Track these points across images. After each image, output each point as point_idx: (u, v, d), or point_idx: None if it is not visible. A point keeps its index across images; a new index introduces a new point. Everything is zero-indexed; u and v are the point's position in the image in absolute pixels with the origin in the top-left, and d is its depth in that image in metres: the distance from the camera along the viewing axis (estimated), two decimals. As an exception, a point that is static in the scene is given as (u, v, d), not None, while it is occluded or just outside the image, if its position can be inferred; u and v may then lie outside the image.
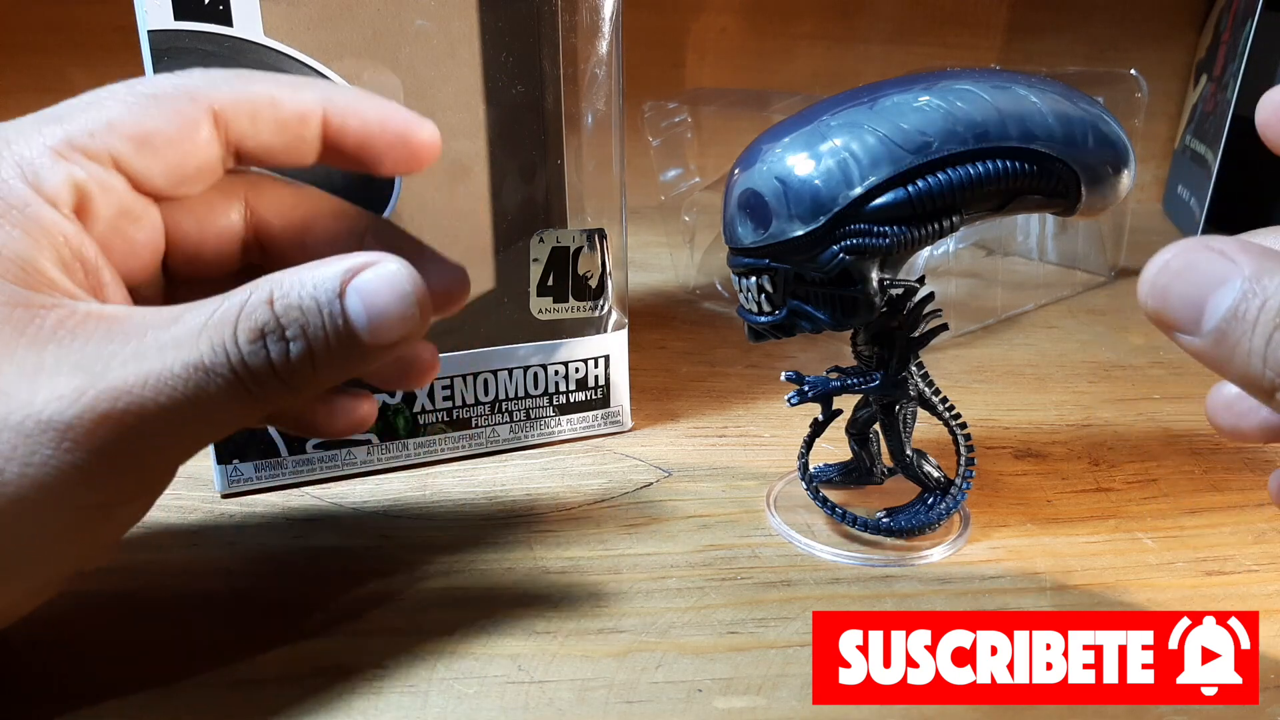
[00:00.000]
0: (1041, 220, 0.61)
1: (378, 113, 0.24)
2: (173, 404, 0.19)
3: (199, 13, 0.28)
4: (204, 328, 0.20)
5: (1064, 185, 0.26)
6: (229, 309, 0.20)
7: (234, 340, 0.20)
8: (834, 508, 0.30)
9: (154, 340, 0.20)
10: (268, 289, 0.20)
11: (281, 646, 0.25)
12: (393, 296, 0.21)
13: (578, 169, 0.34)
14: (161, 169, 0.22)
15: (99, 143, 0.21)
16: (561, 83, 0.33)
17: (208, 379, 0.20)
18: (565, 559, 0.29)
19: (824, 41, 0.75)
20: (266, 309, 0.20)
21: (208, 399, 0.20)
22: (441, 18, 0.30)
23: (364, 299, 0.21)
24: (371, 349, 0.21)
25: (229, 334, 0.20)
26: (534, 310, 0.35)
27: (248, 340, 0.20)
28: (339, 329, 0.21)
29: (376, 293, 0.21)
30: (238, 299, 0.20)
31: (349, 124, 0.23)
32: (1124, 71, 0.57)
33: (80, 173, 0.21)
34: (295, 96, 0.23)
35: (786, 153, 0.25)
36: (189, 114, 0.22)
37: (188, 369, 0.19)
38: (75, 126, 0.21)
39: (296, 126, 0.23)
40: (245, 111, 0.23)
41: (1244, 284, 0.19)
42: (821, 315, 0.27)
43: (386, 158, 0.24)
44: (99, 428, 0.19)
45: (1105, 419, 0.40)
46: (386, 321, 0.21)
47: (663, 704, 0.23)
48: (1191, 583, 0.28)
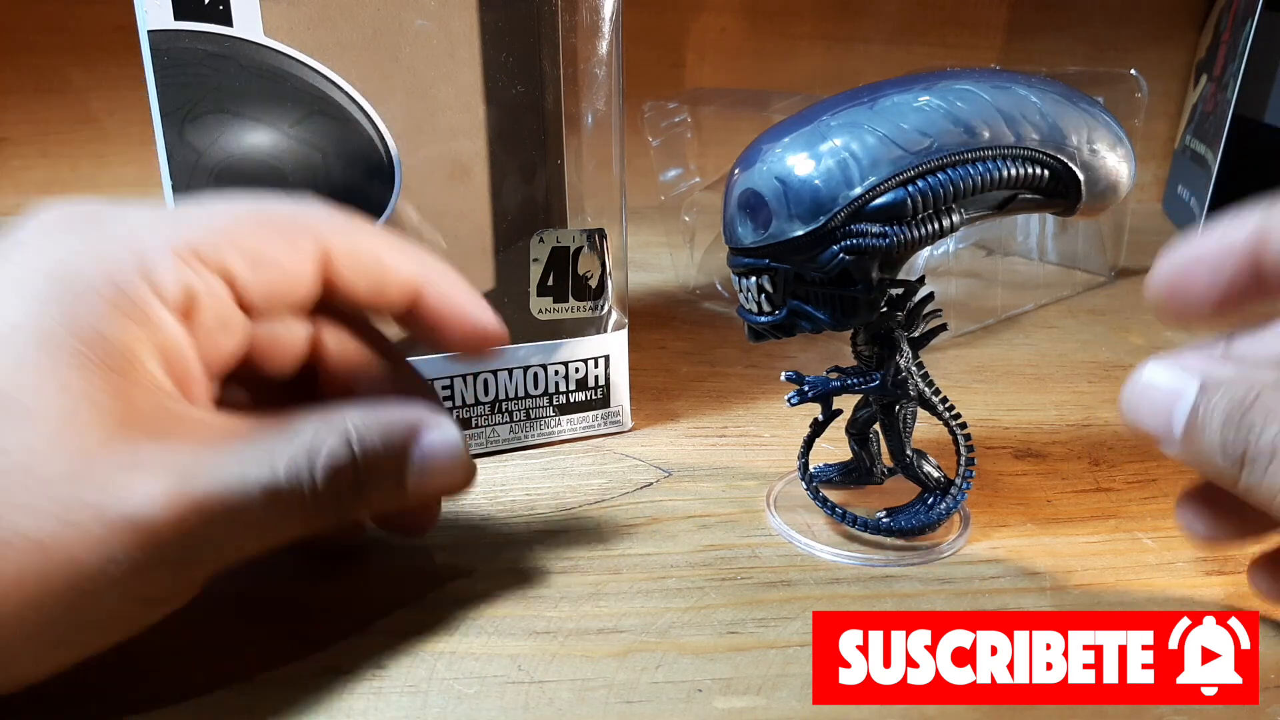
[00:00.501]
0: (1041, 220, 0.61)
1: (462, 304, 0.26)
2: (243, 519, 0.20)
3: (199, 13, 0.28)
4: (286, 455, 0.21)
5: (1064, 185, 0.26)
6: (312, 443, 0.21)
7: (309, 472, 0.21)
8: (834, 508, 0.30)
9: (238, 456, 0.21)
10: (344, 425, 0.22)
11: (281, 646, 0.25)
12: (450, 459, 0.23)
13: (578, 169, 0.34)
14: (264, 290, 0.23)
15: (217, 253, 0.22)
16: (561, 83, 0.33)
17: (278, 501, 0.21)
18: (565, 559, 0.29)
19: (824, 41, 0.75)
20: (345, 443, 0.22)
21: (271, 518, 0.21)
22: (441, 18, 0.30)
23: (426, 454, 0.23)
24: (410, 499, 0.23)
25: (304, 464, 0.21)
26: (534, 310, 0.35)
27: (325, 476, 0.21)
28: (400, 479, 0.23)
29: (440, 453, 0.23)
30: (315, 432, 0.22)
31: (434, 307, 0.25)
32: (1124, 71, 0.57)
33: (194, 278, 0.22)
34: (398, 264, 0.25)
35: (786, 153, 0.25)
36: (303, 248, 0.23)
37: (265, 491, 0.20)
38: (198, 233, 0.22)
39: (389, 289, 0.25)
40: (350, 259, 0.24)
41: (1196, 395, 0.22)
42: (821, 315, 0.27)
43: (453, 341, 0.26)
44: (178, 530, 0.20)
45: (1105, 419, 0.40)
46: (435, 479, 0.23)
47: (663, 704, 0.23)
48: (1191, 583, 0.28)
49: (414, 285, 0.25)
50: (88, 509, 0.19)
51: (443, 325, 0.26)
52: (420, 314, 0.25)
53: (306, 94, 0.29)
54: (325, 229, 0.24)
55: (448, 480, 0.24)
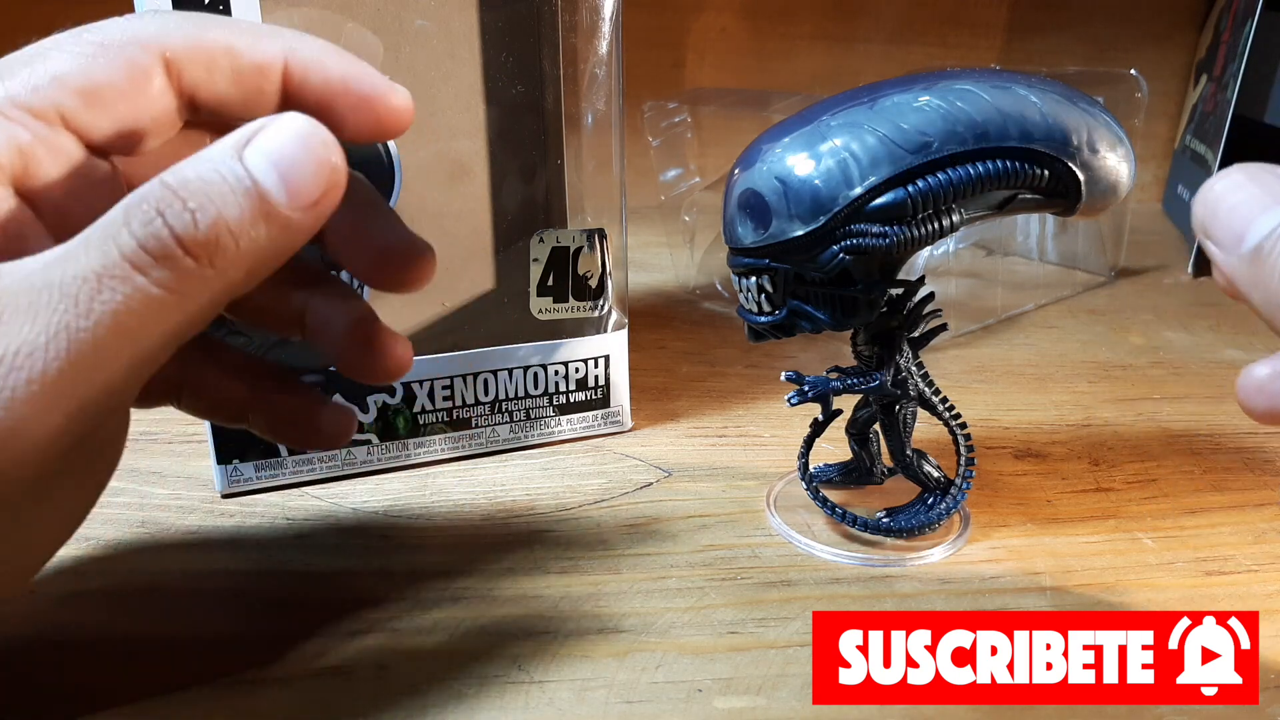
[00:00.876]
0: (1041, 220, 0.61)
1: (343, 71, 0.22)
2: (72, 332, 0.17)
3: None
4: (88, 239, 0.18)
5: (1064, 185, 0.26)
6: (117, 208, 0.18)
7: (126, 229, 0.18)
8: (834, 508, 0.30)
9: (42, 274, 0.17)
10: (157, 178, 0.18)
11: (281, 646, 0.25)
12: (299, 147, 0.19)
13: (578, 169, 0.34)
14: (112, 123, 0.20)
15: (45, 99, 0.20)
16: (561, 83, 0.33)
17: (105, 287, 0.17)
18: (565, 559, 0.29)
19: (824, 41, 0.75)
20: (158, 186, 0.18)
21: (111, 313, 0.17)
22: (441, 18, 0.30)
23: (267, 155, 0.19)
24: (295, 212, 0.19)
25: (118, 228, 0.18)
26: (534, 310, 0.35)
27: (142, 222, 0.18)
28: (248, 189, 0.18)
29: (281, 147, 0.19)
30: (126, 198, 0.18)
31: (310, 79, 0.21)
32: (1124, 71, 0.57)
33: (24, 134, 0.19)
34: (255, 46, 0.21)
35: (786, 153, 0.25)
36: (140, 63, 0.20)
37: (77, 282, 0.17)
38: (18, 83, 0.20)
39: (255, 78, 0.21)
40: (200, 60, 0.21)
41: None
42: (821, 315, 0.27)
43: (349, 121, 0.22)
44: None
45: (1105, 419, 0.40)
46: (300, 175, 0.19)
47: (663, 704, 0.23)
48: (1191, 583, 0.28)
49: (278, 63, 0.21)
50: None
51: (329, 103, 0.22)
52: (302, 98, 0.22)
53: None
54: (160, 36, 0.20)
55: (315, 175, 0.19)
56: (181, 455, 0.35)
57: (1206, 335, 0.51)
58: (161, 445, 0.35)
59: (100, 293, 0.17)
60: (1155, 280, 0.61)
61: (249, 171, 0.19)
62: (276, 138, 0.19)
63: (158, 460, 0.34)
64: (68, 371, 0.17)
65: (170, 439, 0.36)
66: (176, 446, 0.35)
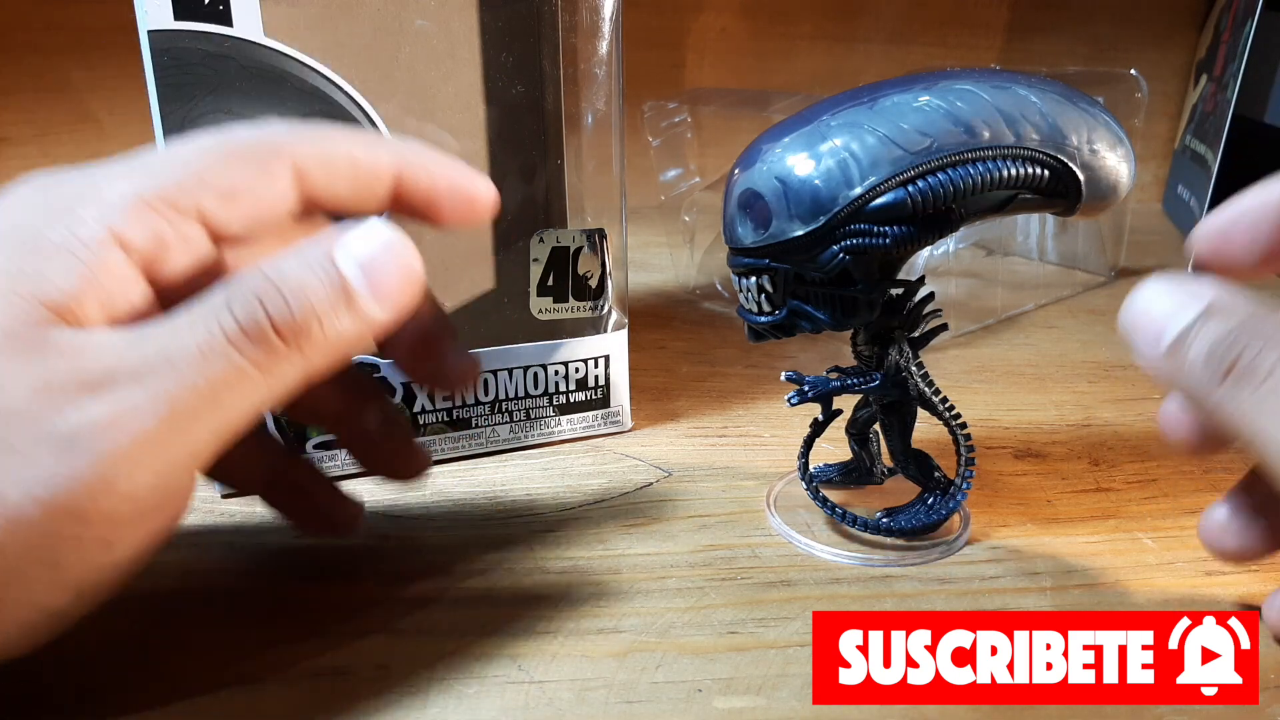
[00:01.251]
0: (1041, 220, 0.61)
1: (446, 173, 0.25)
2: (173, 398, 0.19)
3: (199, 13, 0.28)
4: (193, 318, 0.20)
5: (1064, 185, 0.26)
6: (218, 291, 0.20)
7: (227, 310, 0.20)
8: (834, 508, 0.30)
9: (152, 343, 0.20)
10: (258, 268, 0.20)
11: (281, 646, 0.25)
12: (383, 251, 0.21)
13: (578, 169, 0.34)
14: (241, 220, 0.22)
15: (189, 197, 0.21)
16: (561, 83, 0.33)
17: (205, 360, 0.19)
18: (565, 559, 0.29)
19: (824, 41, 0.75)
20: (260, 276, 0.20)
21: (208, 384, 0.19)
22: (441, 18, 0.30)
23: (355, 256, 0.21)
24: (375, 307, 0.21)
25: (222, 310, 0.20)
26: (534, 310, 0.35)
27: (243, 307, 0.20)
28: (336, 284, 0.21)
29: (368, 249, 0.21)
30: (229, 283, 0.20)
31: (420, 183, 0.24)
32: (1124, 71, 0.57)
33: (165, 227, 0.21)
34: (372, 155, 0.24)
35: (786, 153, 0.25)
36: (273, 169, 0.23)
37: (184, 356, 0.19)
38: (165, 180, 0.21)
39: (370, 182, 0.24)
40: (324, 167, 0.23)
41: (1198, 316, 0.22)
42: (821, 315, 0.27)
43: (449, 214, 0.25)
44: (102, 435, 0.19)
45: (1105, 419, 0.40)
46: (382, 275, 0.21)
47: (663, 704, 0.23)
48: (1191, 583, 0.28)
49: (394, 172, 0.24)
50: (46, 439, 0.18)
51: (433, 200, 0.25)
52: (409, 197, 0.25)
53: (306, 94, 0.29)
54: (293, 144, 0.23)
55: (398, 279, 0.22)
56: (181, 455, 0.35)
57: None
58: (161, 445, 0.35)
59: (201, 365, 0.19)
60: (1155, 280, 0.61)
61: (338, 268, 0.21)
62: (365, 241, 0.21)
63: (158, 460, 0.34)
64: (163, 434, 0.19)
65: (170, 439, 0.36)
66: (176, 446, 0.35)
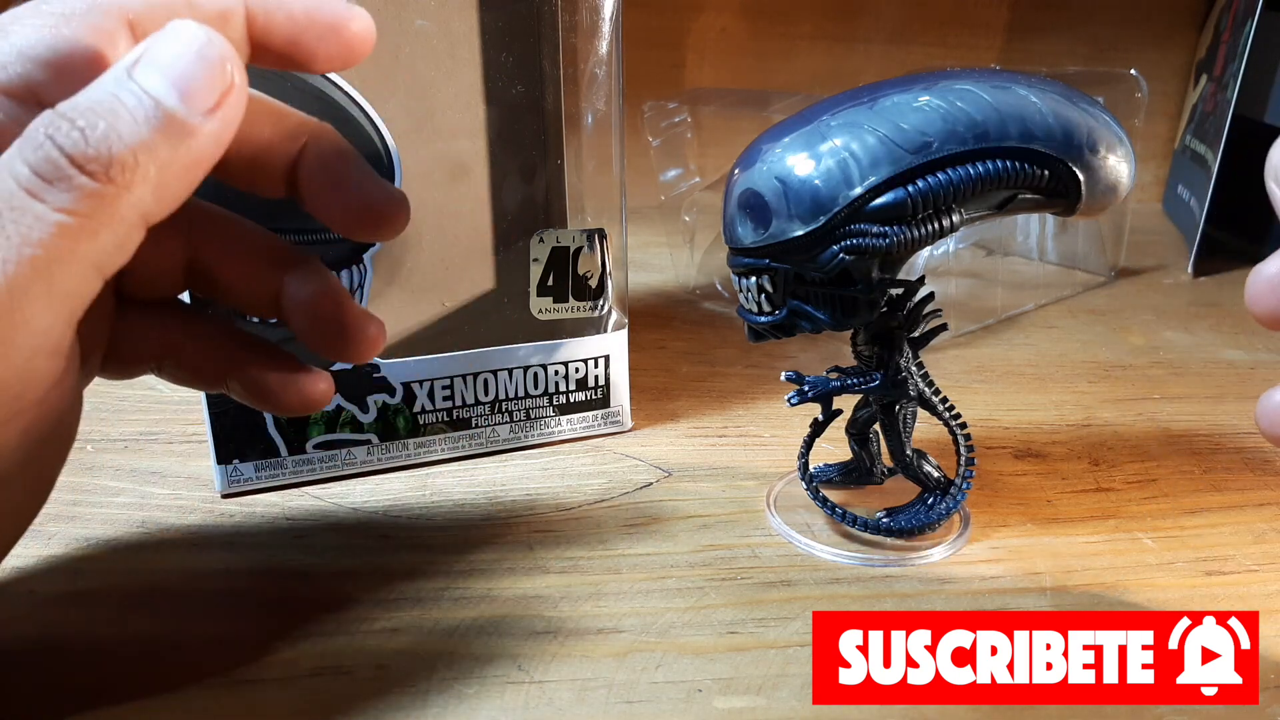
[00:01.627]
0: (1041, 220, 0.61)
1: (304, 5, 0.22)
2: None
3: (199, 13, 0.28)
4: None
5: (1064, 185, 0.26)
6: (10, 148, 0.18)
7: (19, 159, 0.18)
8: (834, 508, 0.30)
9: None
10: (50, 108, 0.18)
11: (281, 646, 0.25)
12: (192, 55, 0.19)
13: (578, 169, 0.34)
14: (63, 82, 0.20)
15: (15, 75, 0.19)
16: (561, 83, 0.33)
17: (7, 221, 0.17)
18: (565, 559, 0.29)
19: (824, 41, 0.75)
20: (49, 113, 0.18)
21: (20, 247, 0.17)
22: (441, 18, 0.30)
23: (158, 66, 0.19)
24: (194, 118, 0.19)
25: (11, 160, 0.18)
26: (534, 310, 0.35)
27: (33, 148, 0.18)
28: (140, 100, 0.18)
29: (172, 57, 0.19)
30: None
31: (275, 20, 0.22)
32: (1124, 71, 0.57)
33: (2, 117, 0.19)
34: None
35: (786, 153, 0.25)
36: (105, 30, 0.20)
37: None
38: (4, 68, 0.19)
39: (219, 27, 0.21)
40: (162, 18, 0.20)
41: None
42: (821, 315, 0.27)
43: (318, 53, 0.22)
44: None
45: (1105, 419, 0.40)
46: (194, 81, 0.19)
47: (663, 704, 0.23)
48: (1191, 583, 0.28)
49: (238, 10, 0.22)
50: None
51: (293, 41, 0.22)
52: (264, 40, 0.22)
53: (306, 94, 0.29)
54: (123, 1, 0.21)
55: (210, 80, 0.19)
56: (181, 455, 0.35)
57: (1206, 335, 0.51)
58: (161, 445, 0.35)
59: (3, 229, 0.17)
60: (1155, 280, 0.61)
61: (139, 84, 0.18)
62: (166, 49, 0.19)
63: (158, 460, 0.34)
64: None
65: (170, 439, 0.36)
66: (176, 446, 0.35)
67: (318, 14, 0.22)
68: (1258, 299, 0.24)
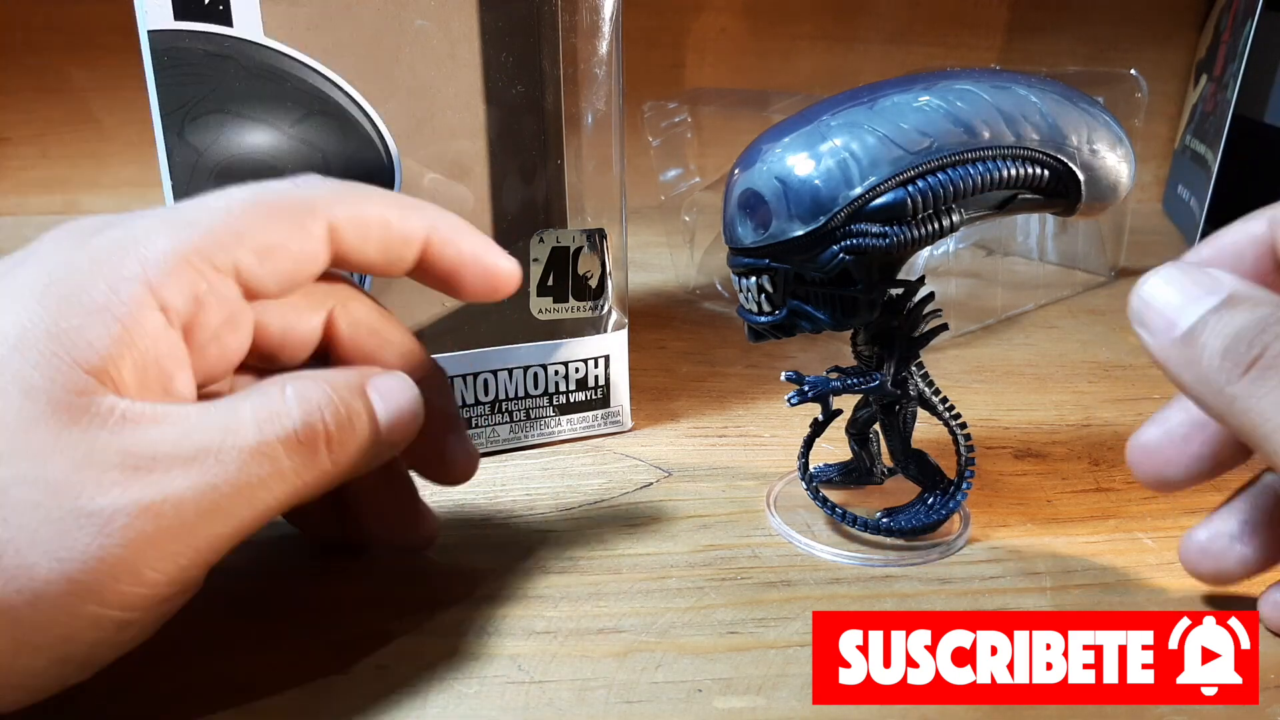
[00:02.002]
0: (1041, 220, 0.61)
1: (473, 248, 0.25)
2: (216, 492, 0.20)
3: (199, 13, 0.28)
4: (255, 414, 0.21)
5: (1064, 185, 0.26)
6: (282, 391, 0.21)
7: (289, 418, 0.21)
8: (834, 508, 0.30)
9: (202, 433, 0.20)
10: (324, 380, 0.22)
11: (282, 646, 0.25)
12: (403, 397, 0.24)
13: (578, 169, 0.34)
14: (275, 277, 0.23)
15: (226, 255, 0.22)
16: (561, 83, 0.33)
17: (255, 459, 0.20)
18: (565, 559, 0.29)
19: (824, 41, 0.75)
20: (328, 389, 0.22)
21: (249, 481, 0.20)
22: (441, 18, 0.30)
23: (383, 397, 0.23)
24: (385, 442, 0.23)
25: (286, 415, 0.21)
26: (534, 310, 0.35)
27: (304, 415, 0.21)
28: (372, 414, 0.23)
29: (393, 394, 0.23)
30: (280, 387, 0.21)
31: (446, 254, 0.25)
32: (1124, 71, 0.57)
33: (202, 285, 0.21)
34: (404, 221, 0.24)
35: (786, 153, 0.25)
36: (310, 228, 0.23)
37: (235, 452, 0.20)
38: (208, 237, 0.22)
39: (400, 248, 0.25)
40: (358, 229, 0.24)
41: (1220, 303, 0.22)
42: (821, 315, 0.27)
43: (468, 287, 0.26)
44: (138, 519, 0.19)
45: (1105, 419, 0.40)
46: (400, 420, 0.23)
47: (663, 704, 0.23)
48: (1191, 583, 0.28)
49: (421, 238, 0.25)
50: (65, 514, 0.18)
51: (456, 273, 0.26)
52: (434, 266, 0.25)
53: (306, 94, 0.29)
54: (329, 203, 0.24)
55: (409, 424, 0.24)
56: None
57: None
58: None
59: (250, 463, 0.20)
60: (1155, 280, 0.61)
61: (370, 405, 0.23)
62: (392, 385, 0.24)
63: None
64: (197, 525, 0.20)
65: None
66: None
67: (482, 257, 0.26)
68: (1194, 565, 0.26)
